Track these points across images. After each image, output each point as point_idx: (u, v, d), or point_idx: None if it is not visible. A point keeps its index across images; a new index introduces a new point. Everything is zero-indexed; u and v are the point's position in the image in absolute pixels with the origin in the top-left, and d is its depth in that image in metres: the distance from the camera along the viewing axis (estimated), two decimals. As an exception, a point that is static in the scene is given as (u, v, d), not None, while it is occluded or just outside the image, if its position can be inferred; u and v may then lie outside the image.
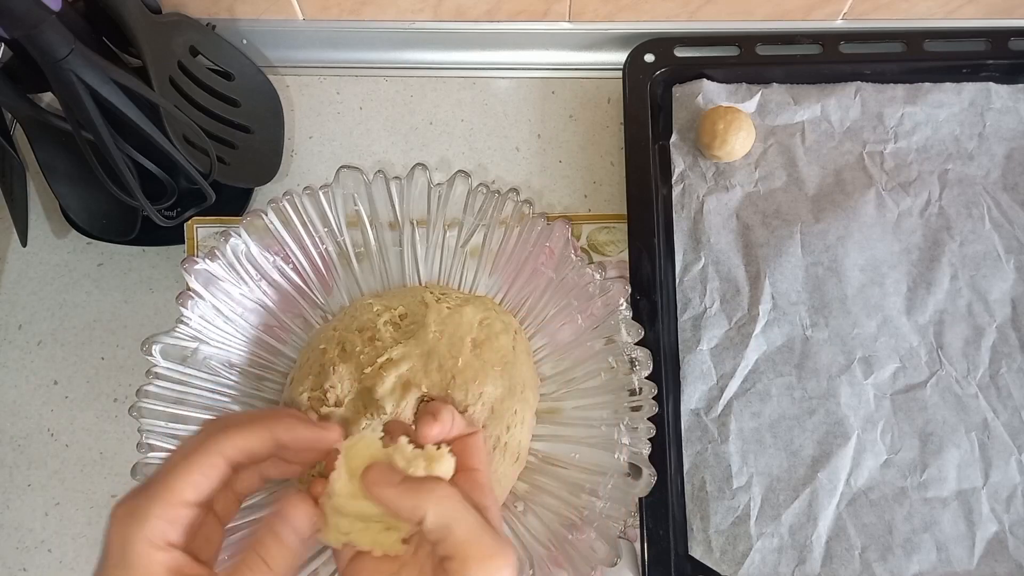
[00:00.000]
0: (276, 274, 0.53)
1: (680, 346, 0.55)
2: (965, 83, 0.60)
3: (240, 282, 0.52)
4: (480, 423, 0.47)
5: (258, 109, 0.61)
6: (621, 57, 0.62)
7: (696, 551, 0.51)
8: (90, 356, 0.59)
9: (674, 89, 0.61)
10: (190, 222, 0.59)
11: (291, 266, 0.53)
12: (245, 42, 0.64)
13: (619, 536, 0.46)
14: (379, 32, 0.64)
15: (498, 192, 0.53)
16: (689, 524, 0.51)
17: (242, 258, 0.52)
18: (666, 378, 0.54)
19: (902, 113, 0.60)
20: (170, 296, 0.56)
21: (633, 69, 0.61)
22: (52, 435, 0.57)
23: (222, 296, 0.51)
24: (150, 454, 0.47)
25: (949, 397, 0.53)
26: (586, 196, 0.62)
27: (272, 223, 0.53)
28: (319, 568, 0.47)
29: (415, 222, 0.54)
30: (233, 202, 0.61)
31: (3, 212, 0.60)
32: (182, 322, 0.50)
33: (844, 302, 0.56)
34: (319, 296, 0.54)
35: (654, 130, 0.60)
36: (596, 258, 0.59)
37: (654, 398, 0.49)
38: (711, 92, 0.60)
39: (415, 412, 0.48)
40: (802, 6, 0.61)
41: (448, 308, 0.50)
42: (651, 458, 0.48)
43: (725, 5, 0.61)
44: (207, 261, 0.51)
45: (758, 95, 0.61)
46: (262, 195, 0.62)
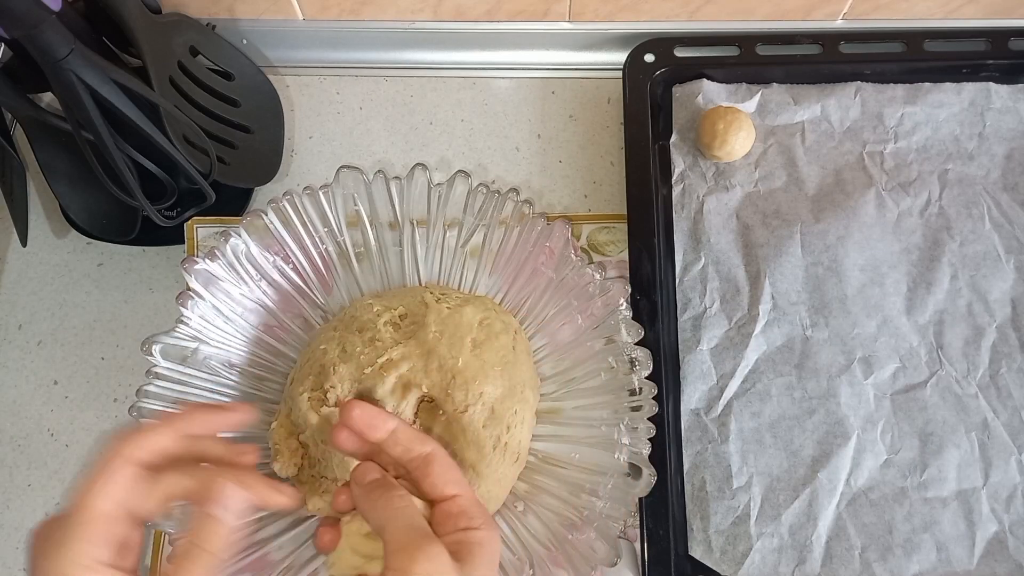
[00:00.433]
0: (276, 274, 0.53)
1: (680, 346, 0.55)
2: (965, 83, 0.60)
3: (240, 282, 0.52)
4: (480, 423, 0.47)
5: (258, 109, 0.61)
6: (621, 57, 0.62)
7: (696, 551, 0.51)
8: (90, 356, 0.59)
9: (674, 89, 0.61)
10: (190, 222, 0.59)
11: (291, 266, 0.53)
12: (245, 42, 0.64)
13: (619, 536, 0.46)
14: (379, 32, 0.64)
15: (498, 192, 0.53)
16: (689, 524, 0.51)
17: (242, 258, 0.52)
18: (666, 378, 0.54)
19: (902, 113, 0.60)
20: (170, 296, 0.56)
21: (633, 69, 0.61)
22: (52, 435, 0.57)
23: (222, 296, 0.51)
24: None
25: (949, 397, 0.53)
26: (586, 196, 0.62)
27: (272, 223, 0.53)
28: (319, 568, 0.48)
29: (415, 222, 0.54)
30: (233, 202, 0.61)
31: (3, 212, 0.60)
32: (182, 322, 0.50)
33: (844, 302, 0.56)
34: (319, 296, 0.54)
35: (654, 130, 0.60)
36: (596, 258, 0.59)
37: (654, 398, 0.49)
38: (711, 92, 0.60)
39: (415, 412, 0.48)
40: (802, 6, 0.61)
41: (448, 308, 0.50)
42: (651, 458, 0.48)
43: (725, 5, 0.61)
44: (207, 261, 0.51)
45: (758, 95, 0.61)
46: (262, 195, 0.62)
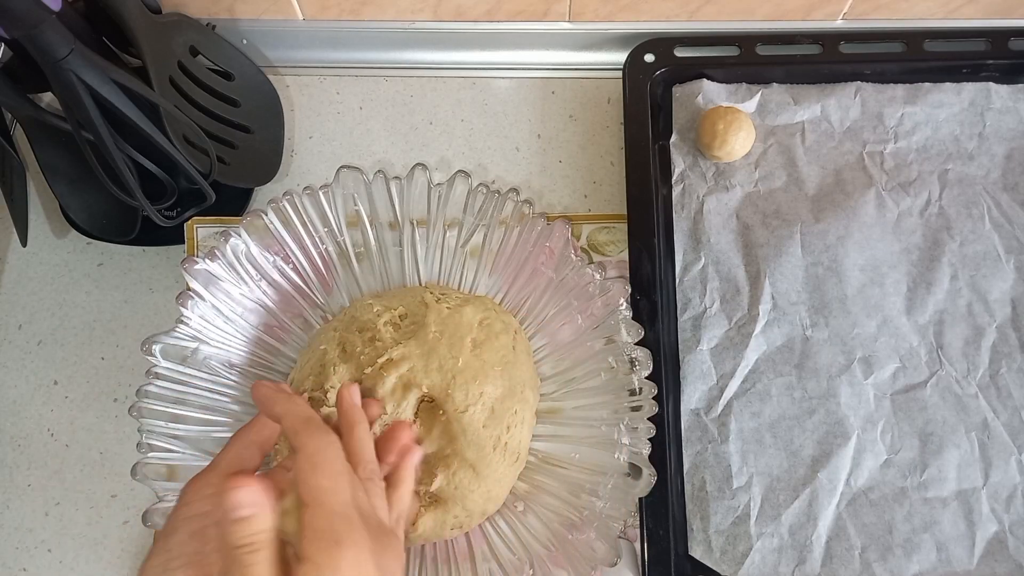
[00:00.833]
0: (276, 274, 0.53)
1: (680, 346, 0.55)
2: (965, 83, 0.60)
3: (240, 282, 0.52)
4: (480, 423, 0.47)
5: (258, 109, 0.61)
6: (621, 57, 0.62)
7: (696, 551, 0.51)
8: (90, 356, 0.59)
9: (674, 89, 0.61)
10: (190, 222, 0.59)
11: (291, 266, 0.53)
12: (245, 42, 0.64)
13: (619, 536, 0.47)
14: (379, 32, 0.64)
15: (498, 192, 0.53)
16: (689, 524, 0.51)
17: (242, 258, 0.52)
18: (666, 378, 0.54)
19: (902, 113, 0.60)
20: (170, 296, 0.56)
21: (633, 69, 0.61)
22: (52, 435, 0.57)
23: (222, 296, 0.51)
24: (150, 454, 0.47)
25: (949, 397, 0.53)
26: (586, 196, 0.62)
27: (272, 223, 0.53)
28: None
29: (415, 222, 0.54)
30: (233, 202, 0.61)
31: (3, 212, 0.60)
32: (182, 322, 0.50)
33: (844, 302, 0.56)
34: (319, 296, 0.54)
35: (654, 130, 0.60)
36: (596, 258, 0.59)
37: (654, 398, 0.49)
38: (711, 92, 0.60)
39: (415, 412, 0.48)
40: (802, 6, 0.61)
41: (448, 308, 0.50)
42: (651, 458, 0.48)
43: (725, 5, 0.61)
44: (207, 261, 0.51)
45: (758, 95, 0.61)
46: (262, 195, 0.62)
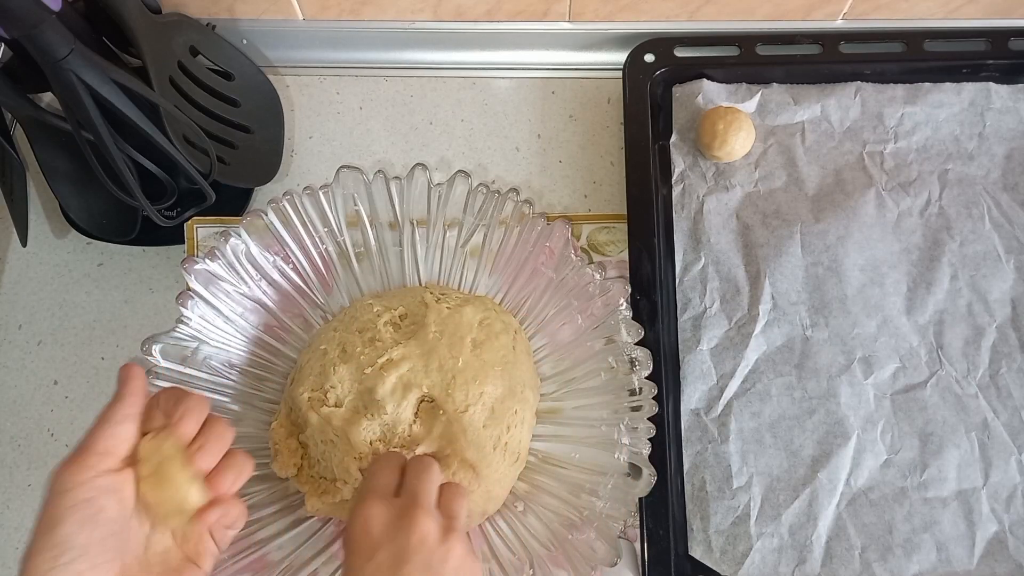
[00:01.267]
0: (276, 274, 0.53)
1: (680, 346, 0.55)
2: (965, 83, 0.60)
3: (240, 282, 0.52)
4: (480, 423, 0.47)
5: (258, 109, 0.61)
6: (621, 57, 0.62)
7: (696, 551, 0.51)
8: (90, 356, 0.59)
9: (674, 89, 0.61)
10: (190, 222, 0.59)
11: (291, 266, 0.54)
12: (245, 42, 0.64)
13: (619, 536, 0.47)
14: (379, 32, 0.64)
15: (498, 192, 0.54)
16: (689, 524, 0.51)
17: (242, 258, 0.52)
18: (666, 378, 0.54)
19: (902, 113, 0.60)
20: (170, 296, 0.56)
21: (633, 69, 0.61)
22: (52, 435, 0.57)
23: (222, 296, 0.51)
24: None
25: (949, 397, 0.53)
26: (586, 196, 0.62)
27: (272, 223, 0.53)
28: (319, 568, 0.48)
29: (415, 222, 0.54)
30: (233, 202, 0.60)
31: (3, 212, 0.60)
32: (182, 322, 0.50)
33: (844, 302, 0.55)
34: (319, 296, 0.54)
35: (654, 130, 0.60)
36: (596, 258, 0.59)
37: (654, 398, 0.49)
38: (711, 92, 0.60)
39: (415, 412, 0.48)
40: (802, 6, 0.61)
41: (448, 308, 0.50)
42: (651, 458, 0.48)
43: (725, 5, 0.61)
44: (207, 261, 0.51)
45: (758, 95, 0.61)
46: (262, 195, 0.62)
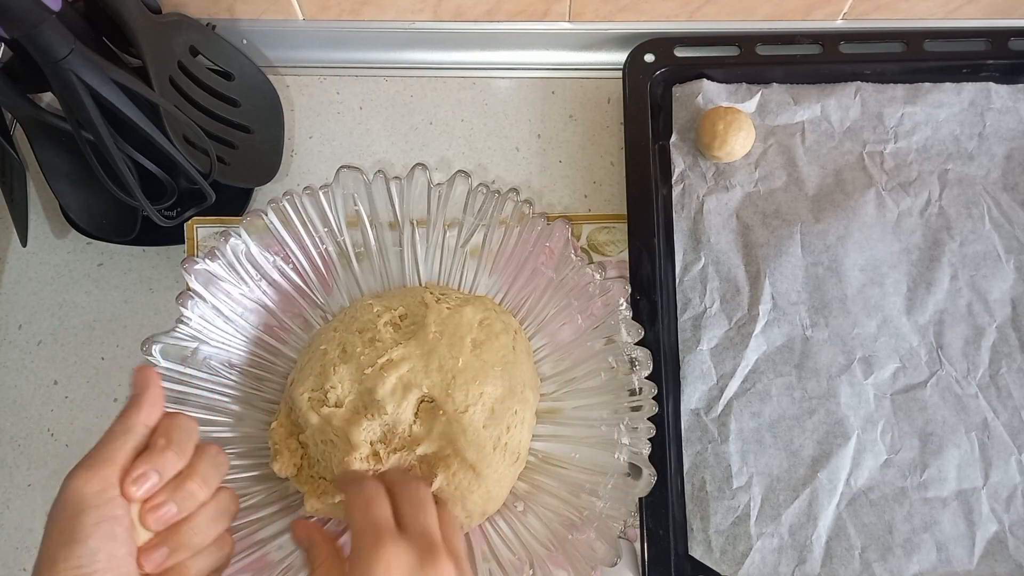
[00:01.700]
0: (276, 274, 0.53)
1: (680, 346, 0.55)
2: (965, 83, 0.60)
3: (240, 282, 0.52)
4: (480, 423, 0.47)
5: (258, 109, 0.61)
6: (621, 57, 0.62)
7: (696, 551, 0.51)
8: (90, 356, 0.59)
9: (674, 89, 0.61)
10: (190, 222, 0.59)
11: (291, 266, 0.53)
12: (245, 42, 0.64)
13: (619, 536, 0.47)
14: (379, 32, 0.64)
15: (498, 192, 0.54)
16: (689, 524, 0.51)
17: (242, 258, 0.52)
18: (666, 378, 0.54)
19: (902, 113, 0.60)
20: (170, 296, 0.56)
21: (633, 69, 0.61)
22: (52, 435, 0.57)
23: (222, 296, 0.51)
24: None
25: (949, 397, 0.53)
26: (586, 196, 0.62)
27: (272, 223, 0.53)
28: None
29: (415, 222, 0.54)
30: (233, 202, 0.60)
31: (3, 212, 0.60)
32: (182, 322, 0.50)
33: (844, 302, 0.55)
34: (319, 296, 0.54)
35: (654, 130, 0.60)
36: (596, 258, 0.59)
37: (654, 398, 0.49)
38: (711, 92, 0.60)
39: (415, 412, 0.48)
40: (802, 6, 0.61)
41: (448, 308, 0.50)
42: (651, 458, 0.48)
43: (725, 5, 0.61)
44: (207, 261, 0.51)
45: (758, 95, 0.61)
46: (262, 195, 0.62)
